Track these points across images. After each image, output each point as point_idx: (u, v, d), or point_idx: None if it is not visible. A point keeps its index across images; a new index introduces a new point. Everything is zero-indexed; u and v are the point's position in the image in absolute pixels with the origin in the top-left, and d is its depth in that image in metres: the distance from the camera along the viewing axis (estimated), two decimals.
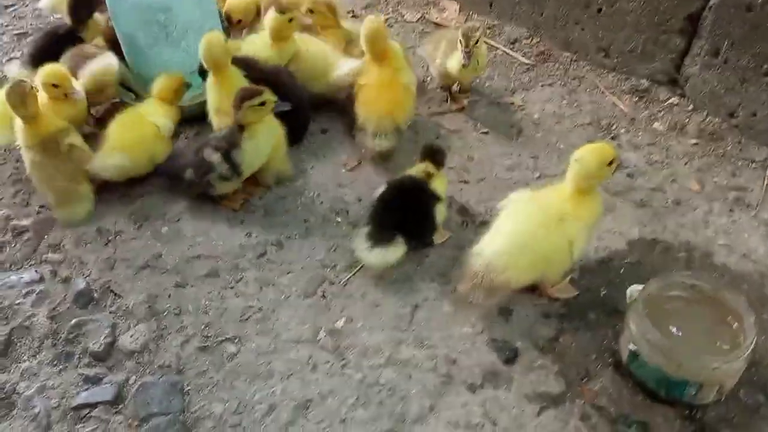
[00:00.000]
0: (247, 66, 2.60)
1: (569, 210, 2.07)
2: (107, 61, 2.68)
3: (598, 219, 2.19)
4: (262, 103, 2.33)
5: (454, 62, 2.80)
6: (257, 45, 2.77)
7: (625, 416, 1.92)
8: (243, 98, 2.32)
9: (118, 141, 2.46)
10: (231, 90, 2.47)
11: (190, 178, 2.42)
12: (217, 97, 2.54)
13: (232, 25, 3.03)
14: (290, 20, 2.71)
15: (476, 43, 2.69)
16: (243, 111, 2.33)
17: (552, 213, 2.07)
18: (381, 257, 2.20)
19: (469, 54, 2.68)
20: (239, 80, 2.53)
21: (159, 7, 2.63)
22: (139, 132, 2.50)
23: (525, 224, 2.08)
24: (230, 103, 2.43)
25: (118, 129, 2.50)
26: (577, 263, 2.24)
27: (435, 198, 2.32)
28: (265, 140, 2.43)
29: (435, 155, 2.41)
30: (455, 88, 3.03)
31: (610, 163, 2.09)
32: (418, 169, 2.39)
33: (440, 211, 2.34)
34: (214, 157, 2.37)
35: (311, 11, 2.90)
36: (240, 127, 2.37)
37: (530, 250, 2.05)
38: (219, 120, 2.55)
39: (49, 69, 2.48)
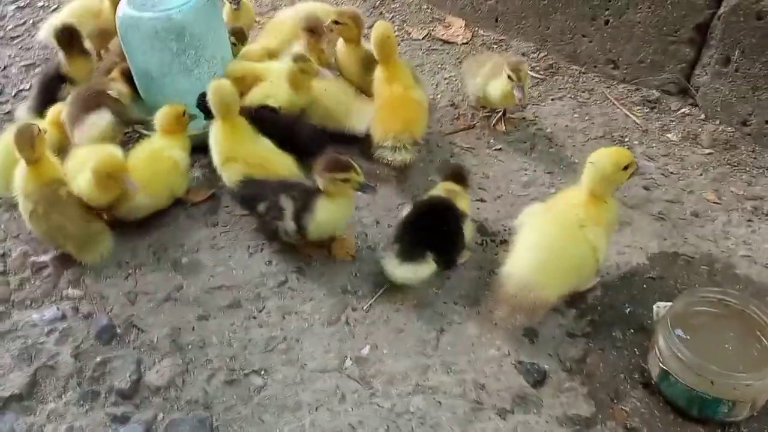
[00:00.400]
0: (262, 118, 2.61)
1: (586, 216, 2.08)
2: (95, 121, 2.57)
3: (615, 222, 2.20)
4: (346, 179, 2.23)
5: (496, 89, 2.79)
6: (275, 90, 2.70)
7: None
8: (330, 167, 2.22)
9: (137, 181, 2.42)
10: (241, 137, 2.47)
11: (261, 213, 2.37)
12: (227, 146, 2.48)
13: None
14: (302, 71, 2.66)
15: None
16: (326, 180, 2.23)
17: (571, 222, 2.08)
18: (410, 273, 2.20)
19: (522, 89, 2.67)
20: (247, 127, 2.51)
21: (172, 36, 2.62)
22: (156, 168, 2.49)
23: (550, 239, 2.09)
24: (241, 150, 2.45)
25: (134, 168, 2.45)
26: (599, 277, 2.28)
27: (463, 216, 2.32)
28: (342, 213, 2.34)
29: (458, 175, 2.44)
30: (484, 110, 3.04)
31: (626, 168, 2.09)
32: (442, 188, 2.39)
33: (468, 229, 2.34)
34: (287, 209, 2.29)
35: (336, 22, 2.88)
36: (318, 191, 2.27)
37: (561, 265, 2.06)
38: (230, 169, 2.47)
39: (106, 157, 2.34)
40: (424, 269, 2.21)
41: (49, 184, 2.31)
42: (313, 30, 2.91)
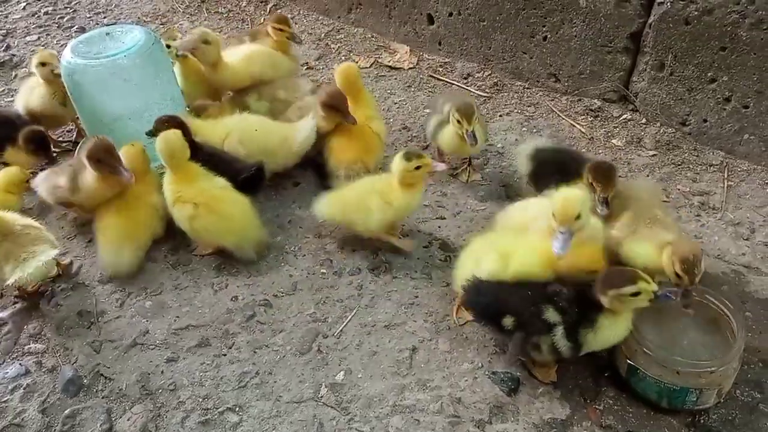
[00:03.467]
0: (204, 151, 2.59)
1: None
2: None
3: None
4: (636, 293, 1.88)
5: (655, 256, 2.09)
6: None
7: None
8: (614, 284, 1.87)
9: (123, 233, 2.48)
10: (191, 179, 2.43)
11: (509, 329, 2.01)
12: (176, 188, 2.43)
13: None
14: (417, 168, 2.36)
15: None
16: (611, 298, 1.88)
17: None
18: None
19: (687, 293, 2.00)
20: (198, 170, 2.46)
21: (119, 81, 2.62)
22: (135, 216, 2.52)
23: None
24: (190, 190, 2.41)
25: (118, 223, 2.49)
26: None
27: None
28: (627, 327, 1.96)
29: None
30: None
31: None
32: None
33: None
34: (557, 323, 1.94)
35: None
36: (598, 305, 1.92)
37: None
38: (179, 210, 2.42)
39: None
40: None
41: None
42: (336, 108, 2.70)
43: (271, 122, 2.84)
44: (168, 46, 3.01)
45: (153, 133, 2.53)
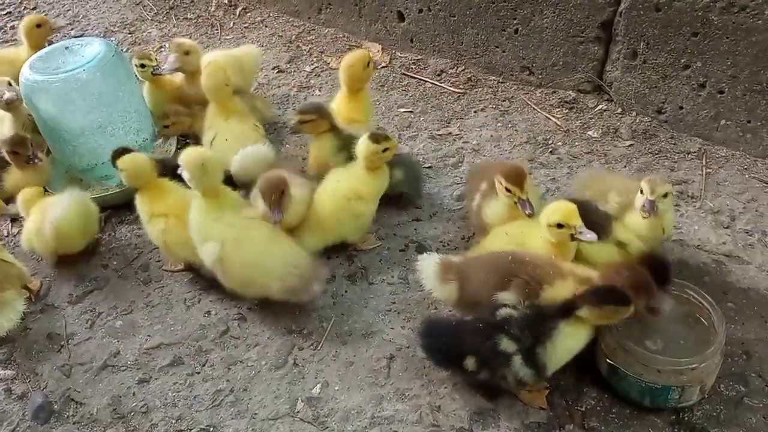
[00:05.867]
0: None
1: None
2: None
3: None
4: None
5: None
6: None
7: None
8: (604, 301, 1.80)
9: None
10: (163, 194, 2.36)
11: (472, 370, 1.91)
12: (149, 206, 2.37)
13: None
14: (384, 150, 2.35)
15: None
16: (598, 313, 1.82)
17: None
18: None
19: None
20: (169, 186, 2.39)
21: (80, 96, 2.56)
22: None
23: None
24: (163, 206, 2.34)
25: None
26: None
27: None
28: (586, 331, 1.89)
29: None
30: None
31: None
32: None
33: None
34: (513, 353, 1.85)
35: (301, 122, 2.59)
36: (556, 316, 1.86)
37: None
38: (154, 225, 2.36)
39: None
40: None
41: None
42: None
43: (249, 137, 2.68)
44: (143, 66, 2.90)
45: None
